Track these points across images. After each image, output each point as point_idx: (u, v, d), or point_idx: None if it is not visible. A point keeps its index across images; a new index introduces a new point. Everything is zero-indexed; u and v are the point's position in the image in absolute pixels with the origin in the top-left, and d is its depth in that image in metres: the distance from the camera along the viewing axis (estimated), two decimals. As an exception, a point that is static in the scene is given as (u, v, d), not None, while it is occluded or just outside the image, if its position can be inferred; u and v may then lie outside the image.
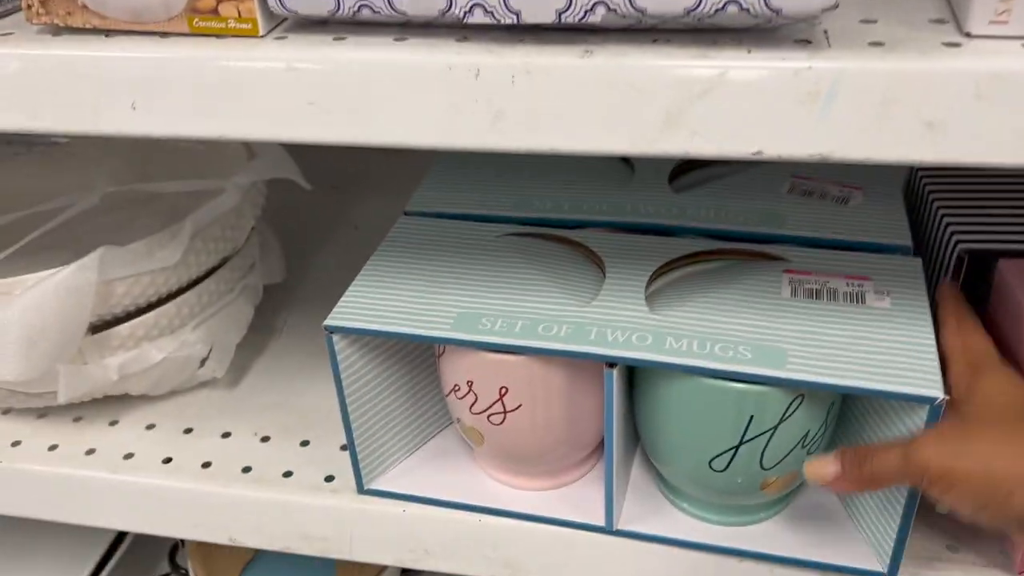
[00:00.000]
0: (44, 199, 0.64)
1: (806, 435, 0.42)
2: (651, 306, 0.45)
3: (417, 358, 0.51)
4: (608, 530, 0.47)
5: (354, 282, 0.48)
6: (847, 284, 0.45)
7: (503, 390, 0.45)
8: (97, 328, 0.54)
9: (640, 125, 0.34)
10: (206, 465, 0.54)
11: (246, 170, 0.59)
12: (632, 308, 0.44)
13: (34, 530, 0.84)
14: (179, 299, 0.56)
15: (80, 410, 0.59)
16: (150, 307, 0.56)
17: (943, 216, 0.51)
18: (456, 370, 0.47)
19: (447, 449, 0.53)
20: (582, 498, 0.49)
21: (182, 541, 0.81)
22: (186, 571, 0.76)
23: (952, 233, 0.49)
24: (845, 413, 0.47)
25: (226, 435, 0.57)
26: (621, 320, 0.43)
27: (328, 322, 0.45)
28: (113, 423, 0.58)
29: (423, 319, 0.45)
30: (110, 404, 0.59)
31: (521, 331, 0.43)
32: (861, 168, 0.56)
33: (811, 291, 0.45)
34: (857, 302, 0.44)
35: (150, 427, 0.58)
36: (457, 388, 0.47)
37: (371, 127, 0.36)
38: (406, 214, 0.56)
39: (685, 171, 0.58)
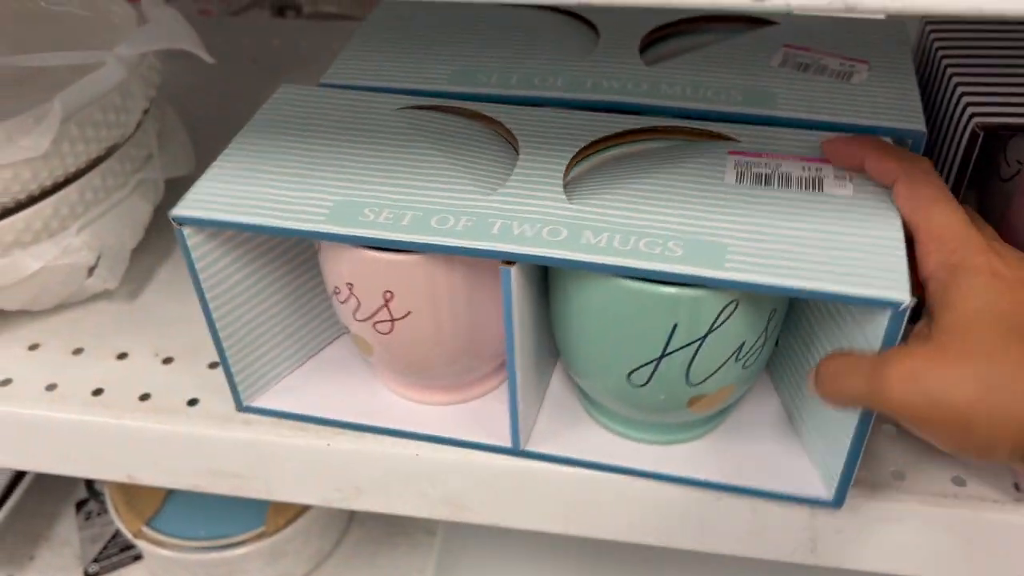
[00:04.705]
0: None
1: (741, 347, 0.37)
2: (571, 195, 0.37)
3: (301, 255, 0.44)
4: (515, 451, 0.42)
5: (212, 165, 0.40)
6: (803, 168, 0.38)
7: (388, 295, 0.38)
8: (-46, 233, 0.45)
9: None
10: (97, 392, 0.46)
11: (132, 39, 0.49)
12: (546, 197, 0.37)
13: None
14: (55, 197, 0.47)
15: (-52, 328, 0.50)
16: (20, 207, 0.46)
17: (956, 85, 0.43)
18: (335, 271, 0.40)
19: (341, 359, 0.47)
20: (490, 414, 0.43)
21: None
22: (104, 497, 0.69)
23: (966, 105, 0.41)
24: (794, 320, 0.41)
25: (122, 356, 0.48)
26: (532, 211, 0.36)
27: (175, 212, 0.37)
28: (-11, 343, 0.50)
29: (294, 209, 0.37)
30: (-16, 321, 0.51)
31: (410, 224, 0.36)
32: (865, 38, 0.47)
33: (760, 176, 0.38)
34: (814, 189, 0.37)
35: (33, 347, 0.49)
36: (338, 291, 0.40)
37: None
38: (322, 86, 0.46)
39: (659, 39, 0.49)
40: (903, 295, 0.32)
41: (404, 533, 0.72)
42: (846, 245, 0.34)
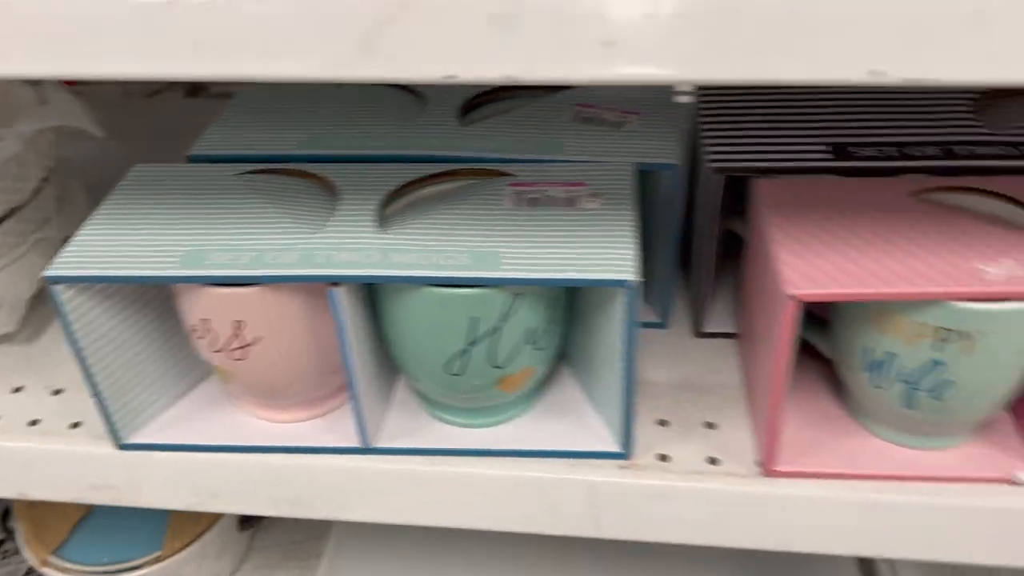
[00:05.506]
0: None
1: (533, 332, 0.45)
2: (387, 229, 0.46)
3: (163, 303, 0.51)
4: (365, 450, 0.49)
5: (79, 231, 0.47)
6: (564, 191, 0.48)
7: (238, 324, 0.45)
8: None
9: (337, 50, 0.33)
10: (-7, 421, 0.53)
11: (29, 119, 0.57)
12: (362, 232, 0.45)
13: None
14: (-42, 253, 0.55)
15: None
16: (-75, 262, 0.54)
17: (704, 135, 0.52)
18: (190, 310, 0.46)
19: (210, 395, 0.54)
20: (342, 423, 0.51)
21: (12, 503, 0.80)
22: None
23: (709, 152, 0.50)
24: (577, 312, 0.50)
25: (17, 389, 0.55)
26: (350, 243, 0.45)
27: (48, 272, 0.44)
28: (-100, 383, 0.56)
29: (150, 261, 0.45)
30: None
31: (249, 262, 0.44)
32: (643, 96, 0.57)
33: (531, 200, 0.47)
34: (570, 206, 0.47)
35: (-61, 385, 0.56)
36: (195, 328, 0.47)
37: (48, 58, 0.34)
38: (190, 159, 0.55)
39: (479, 104, 0.58)
40: (631, 276, 0.41)
41: (296, 557, 0.78)
42: (591, 244, 0.44)
